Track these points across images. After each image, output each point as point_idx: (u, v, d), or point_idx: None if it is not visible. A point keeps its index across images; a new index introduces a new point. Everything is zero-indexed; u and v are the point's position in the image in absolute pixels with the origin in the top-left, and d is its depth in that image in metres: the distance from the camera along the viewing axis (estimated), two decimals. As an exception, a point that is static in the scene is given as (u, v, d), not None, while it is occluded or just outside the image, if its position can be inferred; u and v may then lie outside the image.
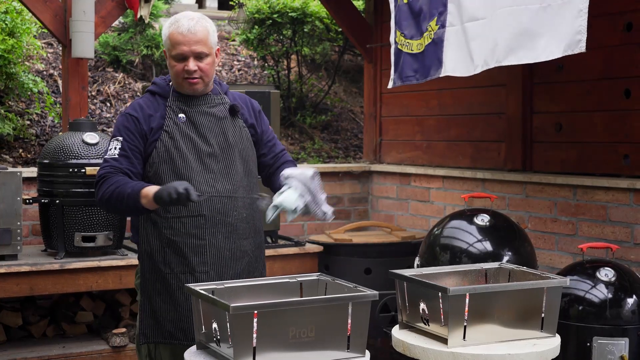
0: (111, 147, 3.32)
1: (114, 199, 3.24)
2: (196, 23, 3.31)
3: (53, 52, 7.71)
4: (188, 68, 3.29)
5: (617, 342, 3.91)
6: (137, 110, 3.35)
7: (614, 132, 4.94)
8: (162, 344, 3.33)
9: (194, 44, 3.28)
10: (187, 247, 3.29)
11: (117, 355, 5.28)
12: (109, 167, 3.29)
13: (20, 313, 5.45)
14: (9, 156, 6.30)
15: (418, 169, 6.42)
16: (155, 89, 3.43)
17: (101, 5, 5.91)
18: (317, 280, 3.17)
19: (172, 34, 3.30)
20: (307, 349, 2.76)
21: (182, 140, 3.32)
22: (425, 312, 3.21)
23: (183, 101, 3.38)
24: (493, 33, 4.23)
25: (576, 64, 5.11)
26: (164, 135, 3.31)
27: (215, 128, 3.39)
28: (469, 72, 4.46)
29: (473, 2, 4.40)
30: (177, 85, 3.38)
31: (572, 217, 5.09)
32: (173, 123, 3.33)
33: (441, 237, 4.63)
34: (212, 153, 3.35)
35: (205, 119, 3.38)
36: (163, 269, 3.30)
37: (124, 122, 3.34)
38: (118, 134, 3.33)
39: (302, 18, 7.83)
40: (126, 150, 3.30)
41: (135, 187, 3.21)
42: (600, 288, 4.01)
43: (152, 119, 3.34)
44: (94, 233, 5.17)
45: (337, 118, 8.32)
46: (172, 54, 3.31)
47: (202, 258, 3.30)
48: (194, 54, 3.29)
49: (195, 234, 3.29)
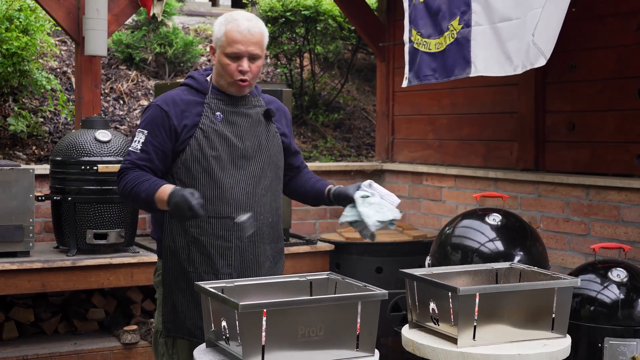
0: (136, 139, 3.28)
1: (131, 197, 3.24)
2: (254, 24, 3.29)
3: (66, 49, 7.73)
4: (242, 68, 3.25)
5: (628, 343, 3.89)
6: (169, 105, 3.29)
7: (626, 131, 4.92)
8: (182, 339, 3.33)
9: (251, 44, 3.25)
10: (213, 248, 3.27)
11: (129, 352, 5.29)
12: (129, 162, 3.26)
13: (32, 310, 5.48)
14: (22, 153, 6.32)
15: (430, 168, 6.41)
16: (194, 83, 3.37)
17: (114, 3, 5.92)
18: (327, 279, 3.16)
19: (230, 32, 3.25)
20: (316, 347, 2.76)
21: (218, 140, 3.27)
22: (435, 312, 3.20)
23: (221, 99, 3.33)
24: (527, 35, 4.22)
25: (589, 64, 5.09)
26: (198, 133, 3.26)
27: (251, 130, 3.35)
28: (507, 72, 4.43)
29: (504, 3, 4.38)
30: (223, 84, 3.33)
31: (584, 217, 5.07)
32: (209, 121, 3.28)
33: (452, 237, 4.62)
34: (245, 155, 3.31)
35: (243, 120, 3.34)
36: (187, 267, 3.29)
37: (153, 115, 3.28)
38: (144, 126, 3.29)
39: (315, 16, 7.83)
40: (147, 146, 3.25)
41: (150, 190, 3.18)
42: (612, 288, 3.99)
43: (186, 115, 3.28)
44: (105, 230, 5.18)
45: (350, 116, 8.32)
46: (227, 52, 3.25)
47: (227, 260, 3.29)
48: (249, 55, 3.26)
49: (222, 236, 3.27)
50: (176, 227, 3.30)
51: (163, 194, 3.13)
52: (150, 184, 3.20)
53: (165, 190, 3.14)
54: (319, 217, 6.68)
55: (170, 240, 3.32)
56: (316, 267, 5.71)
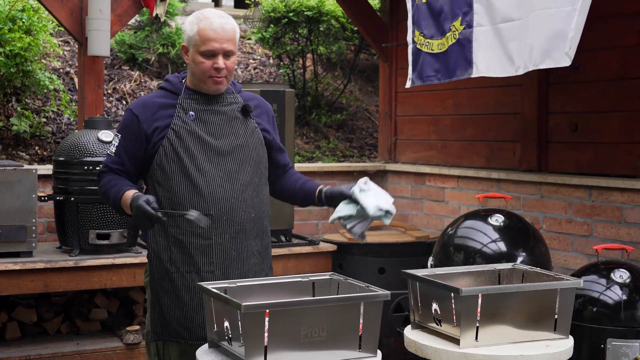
0: (113, 142, 3.40)
1: (105, 200, 3.39)
2: (226, 21, 3.30)
3: (69, 50, 7.74)
4: (218, 65, 3.26)
5: (631, 344, 3.89)
6: (139, 109, 3.34)
7: (629, 132, 4.92)
8: (170, 341, 3.33)
9: (225, 41, 3.27)
10: (193, 246, 3.27)
11: (131, 352, 5.29)
12: (104, 166, 3.39)
13: (35, 310, 5.48)
14: (25, 153, 6.33)
15: (433, 169, 6.41)
16: (167, 85, 3.41)
17: (117, 3, 5.92)
18: (330, 279, 3.16)
19: (203, 30, 3.25)
20: (319, 348, 2.75)
21: (190, 139, 3.29)
22: (438, 313, 3.20)
23: (194, 99, 3.35)
24: (529, 35, 4.21)
25: (592, 65, 5.09)
26: (170, 133, 3.28)
27: (226, 127, 3.36)
28: (508, 73, 4.43)
29: (506, 3, 4.38)
30: (198, 82, 3.34)
31: (587, 218, 5.07)
32: (181, 121, 3.30)
33: (455, 237, 4.62)
34: (221, 152, 3.32)
35: (217, 117, 3.36)
36: (169, 267, 3.29)
37: (125, 120, 3.37)
38: (119, 130, 3.39)
39: (317, 17, 7.83)
40: (120, 150, 3.35)
41: (116, 196, 3.30)
42: (615, 289, 3.99)
43: (157, 117, 3.31)
44: (108, 230, 5.19)
45: (352, 117, 8.32)
46: (201, 50, 3.26)
47: (209, 258, 3.29)
48: (224, 52, 3.27)
49: (202, 234, 3.27)
50: (158, 228, 3.31)
51: (126, 201, 3.26)
52: (116, 190, 3.31)
53: (127, 198, 3.25)
54: (322, 217, 6.68)
55: (154, 242, 3.34)
56: (319, 267, 5.71)
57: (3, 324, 5.35)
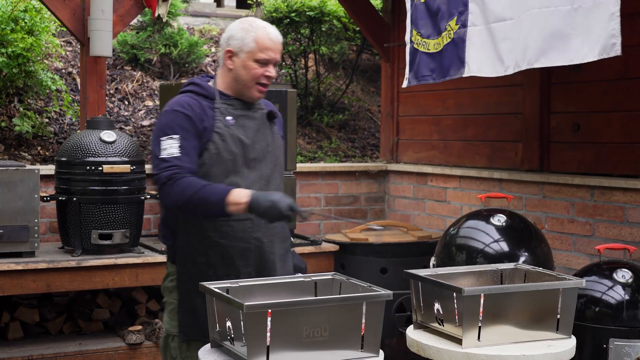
0: (166, 146, 3.22)
1: (193, 204, 3.14)
2: (279, 33, 3.38)
3: (72, 50, 7.74)
4: (269, 74, 3.32)
5: (633, 344, 3.89)
6: (187, 109, 3.29)
7: (631, 132, 4.91)
8: (195, 341, 3.33)
9: (278, 52, 3.35)
10: (234, 250, 3.30)
11: (133, 352, 5.29)
12: (175, 168, 3.18)
13: (37, 310, 5.48)
14: (28, 154, 6.33)
15: (435, 169, 6.41)
16: (199, 90, 3.38)
17: (119, 3, 5.93)
18: (332, 279, 3.17)
19: (261, 38, 3.30)
20: (321, 348, 2.76)
21: (233, 143, 3.30)
22: (440, 313, 3.20)
23: (231, 104, 3.36)
24: (523, 34, 4.20)
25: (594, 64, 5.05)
26: (215, 136, 3.27)
27: (259, 133, 3.40)
28: (498, 73, 4.43)
29: (499, 3, 4.38)
30: (241, 88, 3.35)
31: (589, 218, 5.07)
32: (223, 125, 3.30)
33: (457, 237, 4.62)
34: (257, 157, 3.36)
35: (251, 123, 3.38)
36: (206, 270, 3.30)
37: (177, 120, 3.26)
38: (172, 132, 3.24)
39: (319, 17, 7.83)
40: (186, 149, 3.22)
41: (220, 192, 3.13)
42: (617, 289, 3.99)
43: (203, 118, 3.29)
44: (110, 231, 5.19)
45: (355, 117, 8.32)
46: (257, 58, 3.30)
47: (247, 261, 3.32)
48: (275, 62, 3.34)
49: (242, 238, 3.30)
50: (192, 231, 3.31)
51: (242, 196, 3.11)
52: (217, 187, 3.16)
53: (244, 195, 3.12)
54: (324, 217, 6.68)
55: (186, 246, 3.33)
56: (321, 267, 5.71)
57: (5, 324, 5.35)
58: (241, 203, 3.11)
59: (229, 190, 3.14)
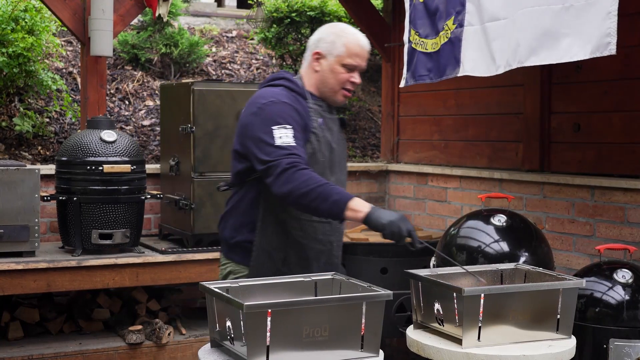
0: (281, 135, 3.13)
1: (312, 196, 3.04)
2: (367, 40, 3.41)
3: (72, 50, 7.75)
4: (355, 80, 3.36)
5: (634, 344, 3.88)
6: (294, 102, 3.26)
7: (632, 132, 4.91)
8: None
9: (365, 60, 3.38)
10: (312, 251, 3.34)
11: (133, 352, 5.29)
12: (295, 157, 3.09)
13: (38, 309, 5.48)
14: (28, 153, 6.33)
15: (435, 169, 6.41)
16: (294, 86, 3.34)
17: (120, 3, 5.93)
18: (332, 279, 3.17)
19: (353, 44, 3.33)
20: (321, 348, 2.76)
21: (325, 145, 3.32)
22: (440, 313, 3.20)
23: (320, 106, 3.37)
24: (515, 33, 4.20)
25: (594, 64, 5.07)
26: (312, 136, 3.28)
27: (339, 138, 3.44)
28: (490, 73, 4.44)
29: (494, 2, 4.38)
30: (328, 91, 3.36)
31: (589, 218, 5.06)
32: (317, 125, 3.31)
33: (457, 237, 4.61)
34: (338, 162, 3.40)
35: (335, 127, 3.42)
36: (281, 267, 3.31)
37: (288, 111, 3.21)
38: (284, 122, 3.16)
39: (320, 17, 7.83)
40: (299, 141, 3.17)
41: (343, 194, 3.05)
42: (617, 290, 3.98)
43: (305, 116, 3.27)
44: (111, 230, 5.19)
45: (355, 117, 8.31)
46: (346, 63, 3.32)
47: (319, 263, 3.36)
48: (361, 69, 3.37)
49: (321, 240, 3.35)
50: (274, 228, 3.30)
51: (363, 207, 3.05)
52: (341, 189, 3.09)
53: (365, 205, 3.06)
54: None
55: (265, 241, 3.31)
56: (321, 267, 5.70)
57: (6, 324, 5.35)
58: (361, 211, 3.03)
59: (353, 196, 3.07)
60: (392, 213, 3.08)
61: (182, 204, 5.50)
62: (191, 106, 5.44)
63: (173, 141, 5.76)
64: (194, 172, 5.45)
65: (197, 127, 5.44)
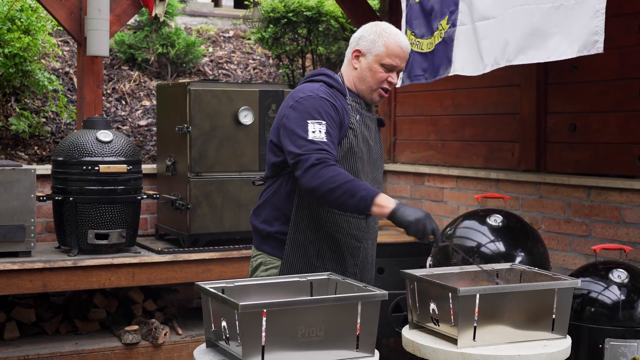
0: (314, 129, 3.15)
1: (339, 192, 3.06)
2: (409, 42, 3.42)
3: (69, 50, 7.74)
4: (392, 80, 3.36)
5: (629, 344, 3.89)
6: (333, 98, 3.26)
7: (628, 132, 4.92)
8: None
9: (404, 61, 3.38)
10: (346, 246, 3.34)
11: (130, 352, 5.29)
12: (325, 152, 3.11)
13: (34, 309, 5.48)
14: (24, 153, 6.33)
15: (432, 169, 6.41)
16: (334, 82, 3.35)
17: (116, 3, 5.92)
18: (327, 279, 3.16)
19: (393, 44, 3.32)
20: (316, 348, 2.76)
21: (362, 141, 3.32)
22: (436, 313, 3.20)
23: (359, 103, 3.38)
24: (504, 32, 4.21)
25: (591, 65, 5.09)
26: (349, 132, 3.28)
27: (375, 134, 3.44)
28: (478, 72, 4.45)
29: (484, 1, 4.39)
30: (365, 89, 3.37)
31: (585, 218, 5.07)
32: (356, 121, 3.32)
33: (454, 237, 4.62)
34: (375, 159, 3.41)
35: (372, 125, 3.44)
36: (315, 262, 3.31)
37: (324, 106, 3.21)
38: (319, 116, 3.18)
39: (317, 17, 7.83)
40: (332, 137, 3.18)
41: (370, 190, 3.08)
42: (613, 289, 3.99)
43: (342, 112, 3.27)
44: (107, 230, 5.19)
45: (352, 117, 8.31)
46: (385, 62, 3.32)
47: (355, 260, 3.37)
48: (399, 70, 3.37)
49: (356, 236, 3.35)
50: (309, 221, 3.30)
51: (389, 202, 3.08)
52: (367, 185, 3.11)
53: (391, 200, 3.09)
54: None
55: (300, 234, 3.31)
56: (317, 267, 5.70)
57: (2, 324, 5.35)
58: (387, 207, 3.07)
59: (379, 191, 3.10)
60: (418, 211, 3.09)
61: (179, 204, 5.50)
62: (187, 106, 5.44)
63: (169, 141, 5.76)
64: (191, 172, 5.45)
65: (194, 127, 5.44)
